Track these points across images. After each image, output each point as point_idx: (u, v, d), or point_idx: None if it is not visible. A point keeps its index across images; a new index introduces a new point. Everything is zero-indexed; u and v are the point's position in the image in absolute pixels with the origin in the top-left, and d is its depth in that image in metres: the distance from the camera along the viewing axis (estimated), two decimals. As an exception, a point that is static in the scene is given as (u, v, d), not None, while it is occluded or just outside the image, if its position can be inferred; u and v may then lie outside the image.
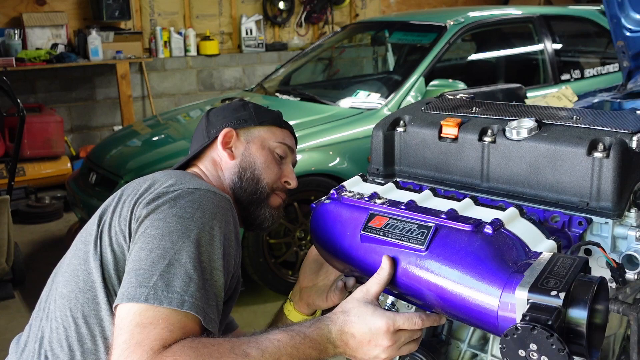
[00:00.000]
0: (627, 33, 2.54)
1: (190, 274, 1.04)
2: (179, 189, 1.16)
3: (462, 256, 1.05)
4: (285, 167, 1.49)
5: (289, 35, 7.34)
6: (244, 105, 1.49)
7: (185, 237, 1.08)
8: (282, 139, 1.48)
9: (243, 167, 1.41)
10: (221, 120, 1.46)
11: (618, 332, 1.47)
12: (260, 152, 1.44)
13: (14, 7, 5.86)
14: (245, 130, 1.45)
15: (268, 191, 1.43)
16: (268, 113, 1.50)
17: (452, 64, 4.64)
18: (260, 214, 1.43)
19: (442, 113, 1.60)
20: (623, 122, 1.34)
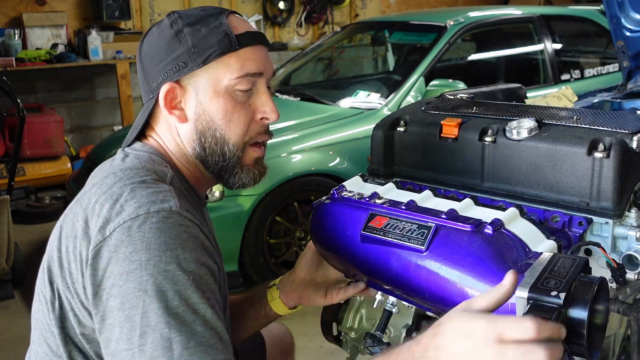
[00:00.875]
0: (627, 33, 2.53)
1: (167, 335, 0.87)
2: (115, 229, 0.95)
3: (462, 256, 1.05)
4: (256, 99, 1.12)
5: (289, 35, 7.34)
6: (177, 35, 1.09)
7: (143, 293, 0.90)
8: (241, 67, 1.09)
9: (200, 130, 1.10)
10: (156, 66, 1.10)
11: (618, 332, 1.47)
12: (215, 102, 1.09)
13: (14, 7, 5.86)
14: (190, 77, 1.09)
15: (239, 152, 1.12)
16: (211, 36, 1.08)
17: (452, 64, 4.64)
18: (237, 180, 1.16)
19: (442, 113, 1.59)
20: (623, 122, 1.34)
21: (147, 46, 1.13)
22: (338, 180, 3.37)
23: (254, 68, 1.10)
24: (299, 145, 3.37)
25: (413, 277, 1.11)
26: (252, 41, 1.11)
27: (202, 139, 1.11)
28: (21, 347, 1.26)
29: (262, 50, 1.12)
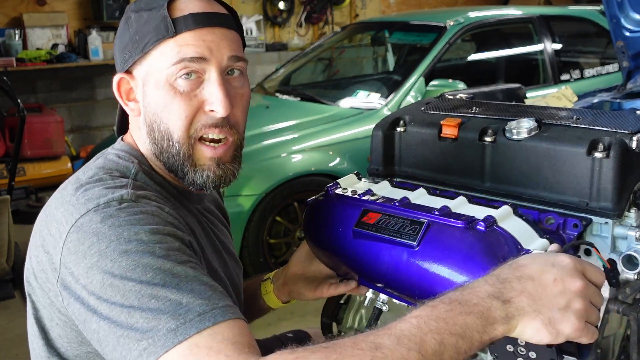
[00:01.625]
0: (626, 33, 2.54)
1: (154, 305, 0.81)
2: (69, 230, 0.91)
3: (453, 252, 1.04)
4: (204, 88, 1.00)
5: (289, 36, 7.34)
6: (127, 21, 1.01)
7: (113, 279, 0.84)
8: (177, 53, 0.97)
9: (149, 124, 1.02)
10: (118, 57, 1.05)
11: (618, 332, 1.47)
12: (155, 93, 0.99)
13: (14, 7, 5.86)
14: (137, 67, 1.02)
15: (184, 148, 1.01)
16: (149, 22, 0.98)
17: (452, 64, 4.64)
18: (190, 180, 1.03)
19: (442, 113, 1.60)
20: (623, 122, 1.35)
21: (116, 36, 1.08)
22: (338, 180, 3.37)
23: (192, 52, 0.97)
24: (299, 145, 3.37)
25: (404, 273, 1.11)
26: (195, 24, 0.98)
27: (151, 134, 1.02)
28: (21, 347, 1.27)
29: (209, 33, 0.98)
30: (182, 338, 0.78)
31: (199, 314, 0.80)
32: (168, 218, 0.93)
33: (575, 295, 0.79)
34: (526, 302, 0.77)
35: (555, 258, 0.81)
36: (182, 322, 0.79)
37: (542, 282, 0.78)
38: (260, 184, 3.18)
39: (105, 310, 0.84)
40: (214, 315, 0.80)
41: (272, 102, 4.09)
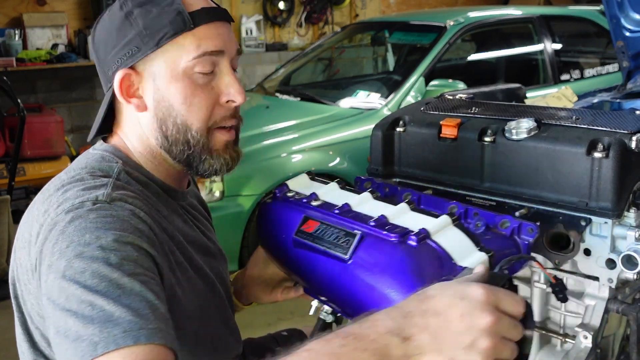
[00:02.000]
0: (626, 33, 2.53)
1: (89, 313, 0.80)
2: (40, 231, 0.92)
3: (383, 268, 0.99)
4: (220, 80, 1.04)
5: (289, 36, 7.34)
6: (127, 17, 1.00)
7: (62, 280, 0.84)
8: (198, 47, 1.00)
9: (161, 118, 1.02)
10: (109, 53, 1.02)
11: (617, 332, 1.47)
12: (173, 86, 1.00)
13: (14, 7, 5.86)
14: (145, 62, 1.01)
15: (203, 139, 1.04)
16: (163, 16, 0.99)
17: (452, 64, 4.64)
18: (207, 166, 1.06)
19: (441, 113, 1.60)
20: (622, 122, 1.35)
21: (99, 33, 1.04)
22: (338, 180, 3.37)
23: (212, 46, 1.00)
24: (299, 145, 3.37)
25: (337, 287, 1.06)
26: (209, 18, 1.01)
27: (163, 128, 1.03)
28: (21, 346, 1.27)
29: (222, 27, 1.02)
30: (100, 352, 0.76)
31: (124, 331, 0.77)
32: (139, 225, 0.92)
33: (483, 333, 0.71)
34: (427, 340, 0.71)
35: (466, 290, 0.74)
36: (105, 336, 0.77)
37: (447, 317, 0.71)
38: (260, 184, 3.18)
39: (51, 311, 0.84)
40: (138, 335, 0.78)
41: (272, 102, 4.09)
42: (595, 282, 1.34)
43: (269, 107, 3.99)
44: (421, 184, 1.59)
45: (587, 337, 1.33)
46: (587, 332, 1.33)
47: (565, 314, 1.44)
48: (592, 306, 1.36)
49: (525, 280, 1.49)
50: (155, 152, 1.06)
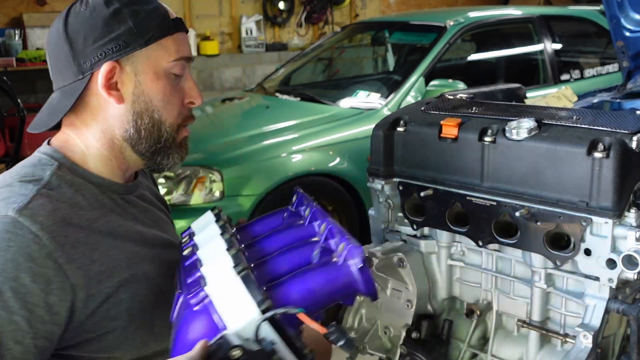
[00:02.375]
0: (626, 33, 2.54)
1: None
2: None
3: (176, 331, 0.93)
4: (184, 84, 1.14)
5: (289, 36, 7.34)
6: (116, 14, 1.06)
7: None
8: (177, 51, 1.10)
9: (138, 111, 1.09)
10: (91, 45, 1.06)
11: (618, 332, 1.47)
12: (155, 84, 1.08)
13: (14, 7, 5.86)
14: (129, 58, 1.07)
15: (174, 134, 1.13)
16: (151, 18, 1.08)
17: (452, 64, 4.64)
18: (170, 161, 1.15)
19: (442, 113, 1.60)
20: (623, 122, 1.35)
21: (76, 24, 1.07)
22: (338, 180, 3.37)
23: (186, 52, 1.12)
24: (299, 145, 3.37)
25: None
26: (182, 27, 1.13)
27: (138, 121, 1.09)
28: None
29: (186, 37, 1.15)
30: None
31: None
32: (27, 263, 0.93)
33: None
34: None
35: None
36: None
37: None
38: (260, 184, 3.18)
39: None
40: None
41: (272, 102, 4.09)
42: (596, 282, 1.34)
43: (269, 107, 3.99)
44: (421, 184, 1.59)
45: (588, 337, 1.33)
46: (588, 332, 1.33)
47: (566, 314, 1.44)
48: (592, 306, 1.36)
49: (525, 280, 1.49)
50: (116, 145, 1.11)
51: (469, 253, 1.60)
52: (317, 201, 1.31)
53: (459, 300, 1.67)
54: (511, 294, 1.53)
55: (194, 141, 3.74)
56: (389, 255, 1.62)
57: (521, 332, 1.52)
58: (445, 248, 1.63)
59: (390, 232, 1.73)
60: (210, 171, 3.14)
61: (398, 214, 1.71)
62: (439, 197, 1.56)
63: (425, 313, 1.65)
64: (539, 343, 1.47)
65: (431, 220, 1.60)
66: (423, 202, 1.61)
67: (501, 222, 1.47)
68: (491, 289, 1.56)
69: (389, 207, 1.69)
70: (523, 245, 1.44)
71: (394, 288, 1.69)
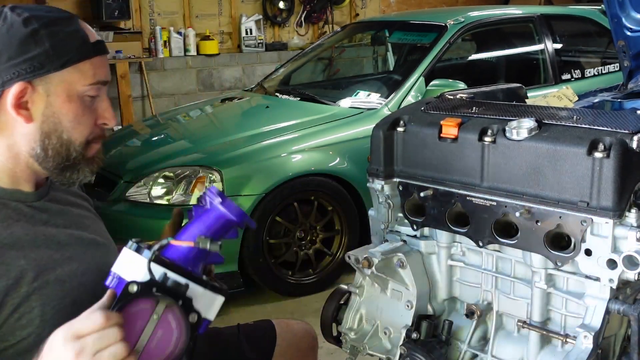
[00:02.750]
0: (627, 33, 2.53)
1: None
2: None
3: None
4: (99, 104, 1.16)
5: (289, 35, 7.34)
6: (33, 35, 1.06)
7: None
8: (94, 75, 1.12)
9: (46, 131, 1.10)
10: (6, 62, 1.05)
11: (618, 332, 1.47)
12: (67, 106, 1.10)
13: (13, 7, 5.86)
14: (44, 79, 1.07)
15: (83, 151, 1.14)
16: (70, 41, 1.09)
17: (452, 63, 4.63)
18: (78, 176, 1.16)
19: (442, 113, 1.59)
20: (623, 122, 1.34)
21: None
22: (338, 180, 3.36)
23: (103, 76, 1.14)
24: (299, 145, 3.37)
25: None
26: (102, 50, 1.15)
27: (45, 141, 1.10)
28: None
29: (106, 59, 1.17)
30: None
31: None
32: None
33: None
34: None
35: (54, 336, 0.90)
36: None
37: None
38: (260, 184, 3.17)
39: None
40: None
41: (272, 102, 4.09)
42: (596, 282, 1.34)
43: (268, 107, 3.99)
44: (421, 184, 1.59)
45: (588, 338, 1.32)
46: (588, 333, 1.32)
47: (566, 315, 1.44)
48: (593, 307, 1.35)
49: (526, 280, 1.48)
50: (21, 160, 1.12)
51: (469, 253, 1.60)
52: (317, 201, 1.31)
53: (459, 301, 1.67)
54: (511, 295, 1.52)
55: (194, 141, 3.77)
56: (389, 256, 1.61)
57: (521, 332, 1.52)
58: (445, 248, 1.63)
59: (390, 232, 1.72)
60: (209, 171, 3.14)
61: (398, 214, 1.70)
62: (439, 197, 1.56)
63: (426, 314, 1.64)
64: (539, 344, 1.47)
65: (431, 220, 1.60)
66: (423, 202, 1.60)
67: (501, 222, 1.47)
68: (491, 289, 1.56)
69: (389, 207, 1.69)
70: (523, 246, 1.43)
71: (394, 289, 1.69)
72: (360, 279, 1.76)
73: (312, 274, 3.40)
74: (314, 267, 3.41)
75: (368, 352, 1.71)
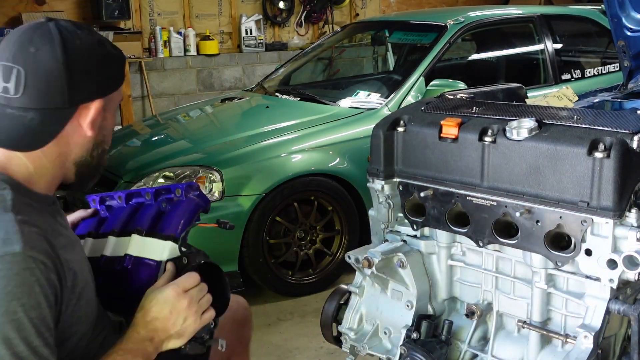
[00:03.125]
0: (627, 33, 2.53)
1: None
2: None
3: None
4: None
5: (289, 35, 7.34)
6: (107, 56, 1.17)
7: None
8: (120, 93, 1.24)
9: (97, 142, 1.20)
10: (87, 79, 1.13)
11: (619, 332, 1.47)
12: (112, 120, 1.23)
13: (13, 6, 5.86)
14: (109, 96, 1.19)
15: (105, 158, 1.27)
16: (123, 63, 1.24)
17: (452, 63, 4.62)
18: (89, 184, 1.26)
19: (442, 113, 1.59)
20: (624, 122, 1.34)
21: (76, 55, 1.11)
22: (338, 180, 3.36)
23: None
24: (299, 145, 3.37)
25: None
26: None
27: (94, 150, 1.20)
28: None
29: None
30: None
31: None
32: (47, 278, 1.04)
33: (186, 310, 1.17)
34: (162, 335, 1.16)
35: (163, 294, 1.16)
36: None
37: (163, 317, 1.15)
38: (260, 184, 3.17)
39: None
40: None
41: (272, 102, 4.08)
42: (597, 282, 1.34)
43: (269, 107, 3.98)
44: (421, 184, 1.59)
45: (588, 338, 1.32)
46: (588, 333, 1.32)
47: (566, 315, 1.44)
48: (593, 307, 1.35)
49: (526, 280, 1.48)
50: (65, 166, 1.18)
51: (469, 253, 1.60)
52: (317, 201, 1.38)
53: (459, 301, 1.67)
54: (511, 295, 1.52)
55: (194, 141, 3.77)
56: (389, 256, 1.61)
57: (522, 332, 1.52)
58: (446, 248, 1.63)
59: (390, 232, 1.72)
60: (209, 171, 3.14)
61: (398, 214, 1.70)
62: (439, 197, 1.56)
63: (426, 314, 1.64)
64: (539, 343, 1.47)
65: (431, 220, 1.60)
66: (423, 202, 1.60)
67: (501, 222, 1.47)
68: (491, 289, 1.56)
69: (389, 207, 1.69)
70: (523, 246, 1.43)
71: (394, 289, 1.69)
72: (360, 279, 1.76)
73: (312, 274, 3.40)
74: (314, 267, 3.41)
75: (368, 352, 1.71)
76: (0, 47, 1.10)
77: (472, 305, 1.56)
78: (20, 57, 1.08)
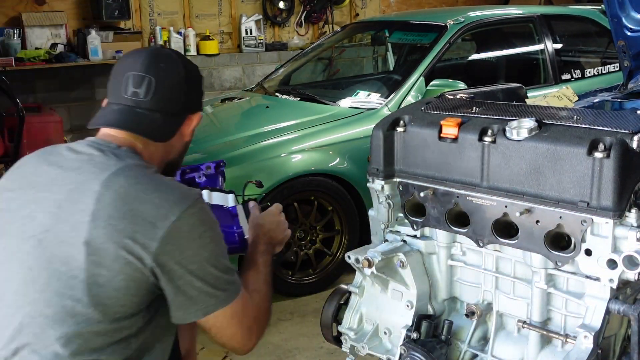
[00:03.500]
0: (627, 32, 2.53)
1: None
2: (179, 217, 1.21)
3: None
4: None
5: (289, 35, 7.33)
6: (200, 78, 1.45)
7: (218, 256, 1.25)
8: None
9: (187, 147, 1.45)
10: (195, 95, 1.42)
11: (619, 332, 1.47)
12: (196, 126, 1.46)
13: (13, 6, 5.85)
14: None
15: None
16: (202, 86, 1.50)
17: (452, 63, 4.62)
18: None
19: (442, 113, 1.59)
20: (623, 122, 1.34)
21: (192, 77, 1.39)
22: (338, 180, 3.36)
23: None
24: (299, 145, 3.37)
25: None
26: None
27: (183, 153, 1.44)
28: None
29: None
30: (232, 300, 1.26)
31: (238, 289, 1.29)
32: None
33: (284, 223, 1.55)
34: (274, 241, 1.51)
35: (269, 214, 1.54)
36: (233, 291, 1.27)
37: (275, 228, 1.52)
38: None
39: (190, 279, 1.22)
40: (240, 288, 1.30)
41: (272, 102, 4.08)
42: (596, 282, 1.34)
43: (269, 107, 3.98)
44: (421, 184, 1.59)
45: (588, 338, 1.32)
46: (588, 333, 1.32)
47: (566, 315, 1.44)
48: (593, 307, 1.35)
49: (526, 280, 1.48)
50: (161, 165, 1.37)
51: (469, 253, 1.60)
52: (317, 201, 1.51)
53: (459, 301, 1.67)
54: (511, 295, 1.52)
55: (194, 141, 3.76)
56: (389, 256, 1.61)
57: (522, 332, 1.52)
58: (446, 248, 1.63)
59: (390, 232, 1.72)
60: (210, 171, 3.14)
61: (398, 214, 1.70)
62: (439, 197, 1.56)
63: (426, 314, 1.64)
64: (539, 343, 1.47)
65: (431, 220, 1.60)
66: (423, 202, 1.60)
67: (501, 222, 1.47)
68: (491, 289, 1.56)
69: (389, 207, 1.69)
70: (523, 246, 1.43)
71: (394, 289, 1.69)
72: (360, 279, 1.76)
73: (312, 274, 3.40)
74: (314, 267, 3.41)
75: (368, 352, 1.71)
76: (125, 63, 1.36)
77: (472, 305, 1.56)
78: (152, 69, 1.31)
